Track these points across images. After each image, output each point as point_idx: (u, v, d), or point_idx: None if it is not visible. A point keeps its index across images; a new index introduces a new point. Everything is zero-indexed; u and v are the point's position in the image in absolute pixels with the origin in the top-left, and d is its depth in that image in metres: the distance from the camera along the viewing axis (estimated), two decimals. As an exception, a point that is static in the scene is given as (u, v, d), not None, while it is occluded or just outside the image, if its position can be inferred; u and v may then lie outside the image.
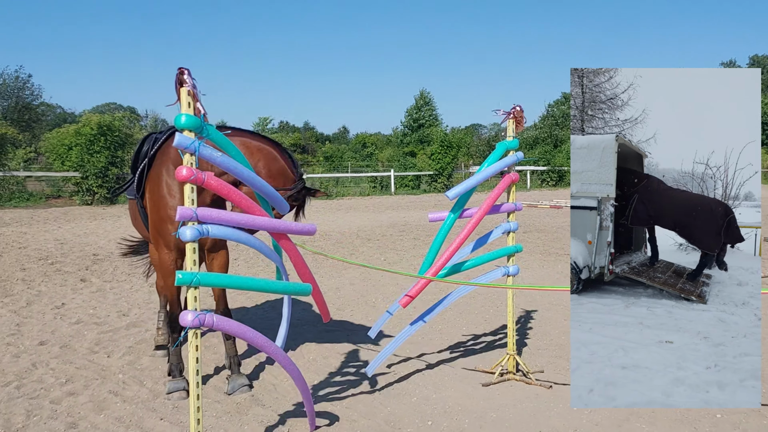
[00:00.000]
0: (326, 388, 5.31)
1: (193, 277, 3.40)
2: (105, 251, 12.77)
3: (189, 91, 3.43)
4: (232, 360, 5.29)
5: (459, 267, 5.37)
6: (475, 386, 5.30)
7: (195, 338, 3.46)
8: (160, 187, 4.88)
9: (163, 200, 4.87)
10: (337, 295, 8.88)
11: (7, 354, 6.12)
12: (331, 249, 13.13)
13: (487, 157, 5.35)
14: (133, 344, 6.52)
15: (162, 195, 4.87)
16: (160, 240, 4.96)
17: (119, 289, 9.22)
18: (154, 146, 5.15)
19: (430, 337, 6.79)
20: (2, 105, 44.10)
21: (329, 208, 24.04)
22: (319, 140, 65.41)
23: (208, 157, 3.48)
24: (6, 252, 12.53)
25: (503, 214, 5.47)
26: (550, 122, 50.04)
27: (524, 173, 41.84)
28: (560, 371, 5.66)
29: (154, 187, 4.97)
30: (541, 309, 7.98)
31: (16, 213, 20.99)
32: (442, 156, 35.79)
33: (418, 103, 51.05)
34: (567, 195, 32.82)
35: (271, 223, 3.77)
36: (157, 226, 4.95)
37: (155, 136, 5.31)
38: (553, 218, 19.90)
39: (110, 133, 24.38)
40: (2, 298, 8.52)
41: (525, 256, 12.22)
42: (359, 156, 47.50)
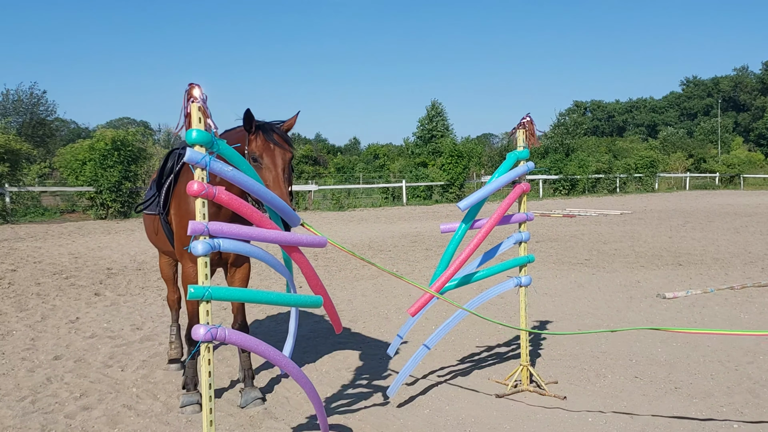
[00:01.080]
0: (339, 400, 5.30)
1: (205, 291, 3.41)
2: (119, 265, 12.85)
3: (200, 106, 3.46)
4: (246, 373, 5.30)
5: (470, 278, 5.36)
6: (488, 397, 5.27)
7: (207, 352, 3.47)
8: (188, 202, 4.89)
9: (191, 216, 4.87)
10: (350, 306, 8.88)
11: (23, 368, 6.16)
12: (343, 260, 13.14)
13: (498, 168, 5.35)
14: (147, 358, 6.54)
15: (189, 210, 4.87)
16: (186, 254, 4.97)
17: (133, 303, 9.26)
18: (178, 162, 5.16)
19: (443, 349, 6.77)
20: (17, 121, 44.62)
21: (341, 220, 24.07)
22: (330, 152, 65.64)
23: (219, 171, 3.50)
24: (21, 267, 12.63)
25: (515, 224, 5.46)
26: (562, 131, 49.91)
27: (536, 182, 41.76)
28: (574, 381, 5.63)
29: (181, 203, 4.98)
30: (556, 319, 7.94)
31: (31, 228, 21.18)
32: (453, 166, 35.79)
33: (429, 114, 51.18)
34: (580, 204, 32.72)
35: (282, 236, 3.79)
36: (184, 241, 4.94)
37: (179, 152, 5.30)
38: (566, 227, 19.82)
39: (124, 148, 24.57)
40: (17, 313, 8.58)
41: (538, 265, 12.18)
42: (371, 167, 47.61)
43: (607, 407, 5.01)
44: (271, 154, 4.33)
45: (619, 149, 53.62)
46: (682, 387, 5.43)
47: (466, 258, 5.04)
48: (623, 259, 12.83)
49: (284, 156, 4.38)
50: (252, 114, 4.36)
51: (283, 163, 4.36)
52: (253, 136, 4.40)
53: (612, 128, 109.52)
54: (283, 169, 4.34)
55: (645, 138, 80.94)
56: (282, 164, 4.34)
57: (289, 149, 4.45)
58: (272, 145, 4.36)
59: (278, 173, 4.29)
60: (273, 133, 4.43)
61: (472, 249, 5.05)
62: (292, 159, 4.53)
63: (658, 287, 9.78)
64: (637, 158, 47.66)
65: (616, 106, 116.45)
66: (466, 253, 5.04)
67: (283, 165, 4.34)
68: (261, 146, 4.35)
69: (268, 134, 4.40)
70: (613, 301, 8.88)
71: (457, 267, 5.02)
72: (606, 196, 41.64)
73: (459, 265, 5.02)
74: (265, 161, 4.32)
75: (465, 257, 5.03)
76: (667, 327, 7.05)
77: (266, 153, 4.33)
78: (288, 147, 4.45)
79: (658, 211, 26.62)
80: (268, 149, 4.34)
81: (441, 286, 5.00)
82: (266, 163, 4.30)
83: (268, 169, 4.29)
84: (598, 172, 43.54)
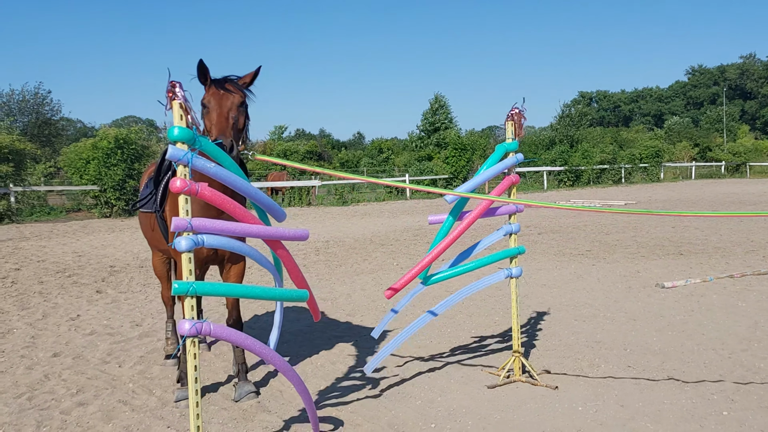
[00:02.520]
0: (332, 392, 5.35)
1: (189, 287, 3.45)
2: (122, 263, 12.93)
3: (181, 104, 3.49)
4: (240, 367, 5.35)
5: (461, 270, 5.37)
6: (480, 388, 5.30)
7: (192, 347, 3.51)
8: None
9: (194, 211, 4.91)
10: (348, 300, 8.92)
11: (21, 366, 6.23)
12: (345, 255, 13.18)
13: (486, 160, 5.37)
14: (145, 354, 6.60)
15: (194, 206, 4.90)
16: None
17: (134, 300, 9.33)
18: None
19: (438, 340, 6.81)
20: (22, 121, 44.76)
21: (344, 215, 24.11)
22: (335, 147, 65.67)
23: (201, 168, 3.53)
24: (25, 266, 12.73)
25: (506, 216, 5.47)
26: (566, 122, 49.73)
27: (541, 174, 41.66)
28: (567, 371, 5.65)
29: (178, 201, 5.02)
30: (553, 309, 7.96)
31: (36, 227, 21.31)
32: (457, 159, 35.76)
33: (433, 107, 51.10)
34: (584, 195, 32.65)
35: (264, 230, 3.82)
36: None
37: None
38: (568, 219, 19.80)
39: (127, 146, 24.66)
40: (19, 311, 8.66)
41: (538, 257, 12.19)
42: (375, 162, 47.61)
43: (598, 396, 5.03)
44: (218, 97, 4.41)
45: (624, 140, 53.37)
46: (675, 375, 5.44)
47: (447, 245, 5.06)
48: (624, 249, 12.82)
49: (231, 98, 4.44)
50: (205, 65, 4.44)
51: (230, 104, 4.42)
52: (207, 88, 4.49)
53: (618, 118, 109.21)
54: (229, 110, 4.39)
55: (651, 128, 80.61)
56: (228, 106, 4.40)
57: (237, 92, 4.50)
58: (221, 91, 4.43)
59: (221, 112, 4.35)
60: (224, 83, 4.50)
61: (455, 237, 5.08)
62: (244, 104, 4.55)
63: (658, 277, 9.78)
64: (642, 148, 47.46)
65: (621, 96, 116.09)
66: (448, 240, 5.07)
67: (229, 107, 4.41)
68: (210, 93, 4.44)
69: (218, 83, 4.48)
70: (612, 292, 8.89)
71: (438, 253, 5.04)
72: (611, 186, 41.51)
73: (440, 251, 5.04)
74: (211, 104, 4.40)
75: (447, 244, 5.06)
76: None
77: (213, 98, 4.42)
78: (236, 91, 4.50)
79: (663, 201, 26.54)
80: (216, 95, 4.42)
81: (420, 270, 5.02)
82: (212, 106, 4.39)
83: (213, 111, 4.37)
84: (603, 163, 43.38)
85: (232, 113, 4.39)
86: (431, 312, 5.32)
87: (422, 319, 5.30)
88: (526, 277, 10.09)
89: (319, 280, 10.51)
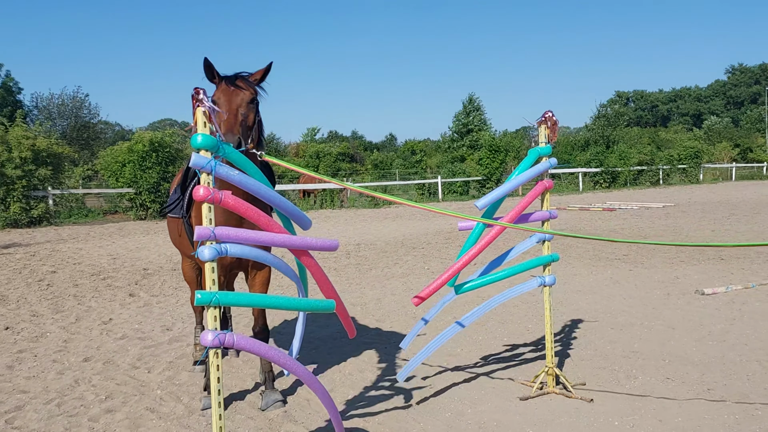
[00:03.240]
0: (360, 402, 5.25)
1: (212, 297, 3.38)
2: (155, 265, 13.03)
3: (205, 111, 3.43)
4: (267, 375, 5.28)
5: (493, 277, 5.23)
6: (512, 400, 5.15)
7: (215, 358, 3.44)
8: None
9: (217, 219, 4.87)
10: (378, 305, 8.82)
11: (52, 371, 6.26)
12: (376, 259, 13.10)
13: (519, 164, 5.22)
14: (174, 359, 6.59)
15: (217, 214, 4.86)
16: None
17: (165, 304, 9.37)
18: None
19: (469, 349, 6.67)
20: (61, 125, 45.70)
21: (376, 217, 24.04)
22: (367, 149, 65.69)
23: (225, 175, 3.47)
24: (61, 268, 12.91)
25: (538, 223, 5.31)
26: (602, 122, 48.91)
27: (576, 176, 41.09)
28: (603, 383, 5.47)
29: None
30: (588, 317, 7.76)
31: (74, 229, 21.66)
32: (491, 161, 35.45)
33: (466, 108, 50.77)
34: (621, 197, 32.09)
35: (290, 240, 3.73)
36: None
37: None
38: (605, 221, 19.45)
39: (161, 149, 24.96)
40: (53, 315, 8.75)
41: (574, 261, 11.96)
42: (408, 163, 47.48)
43: (635, 410, 4.84)
44: (227, 94, 4.36)
45: (662, 140, 52.35)
46: (716, 389, 5.22)
47: (477, 253, 4.92)
48: (663, 254, 12.49)
49: (241, 95, 4.39)
50: (210, 62, 4.40)
51: (239, 101, 4.37)
52: (217, 85, 4.46)
53: (656, 118, 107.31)
54: (238, 107, 4.34)
55: (690, 128, 79.03)
56: (237, 102, 4.35)
57: (247, 89, 4.44)
58: (231, 87, 4.38)
59: (230, 109, 4.30)
60: (235, 80, 4.46)
61: (484, 244, 4.93)
62: (254, 101, 4.49)
63: (698, 283, 9.49)
64: (681, 149, 46.49)
65: (659, 95, 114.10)
66: (478, 248, 4.92)
67: (238, 103, 4.36)
68: (220, 90, 4.40)
69: (228, 80, 4.44)
70: (649, 298, 8.64)
71: (467, 261, 4.90)
72: (649, 188, 40.73)
73: (469, 260, 4.90)
74: (220, 101, 4.34)
75: (476, 252, 4.91)
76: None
77: (223, 94, 4.37)
78: (246, 87, 4.44)
79: (702, 203, 25.92)
80: (225, 91, 4.38)
81: (449, 277, 4.87)
82: (221, 103, 4.33)
83: (222, 108, 4.31)
84: (641, 164, 42.58)
85: (242, 110, 4.35)
86: (459, 323, 5.18)
87: (452, 329, 5.17)
88: (560, 282, 9.88)
89: (349, 284, 10.44)
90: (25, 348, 7.10)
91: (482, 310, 5.15)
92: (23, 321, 8.40)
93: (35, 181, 22.97)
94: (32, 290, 10.57)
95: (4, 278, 11.80)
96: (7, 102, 53.19)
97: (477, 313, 5.16)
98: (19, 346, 7.17)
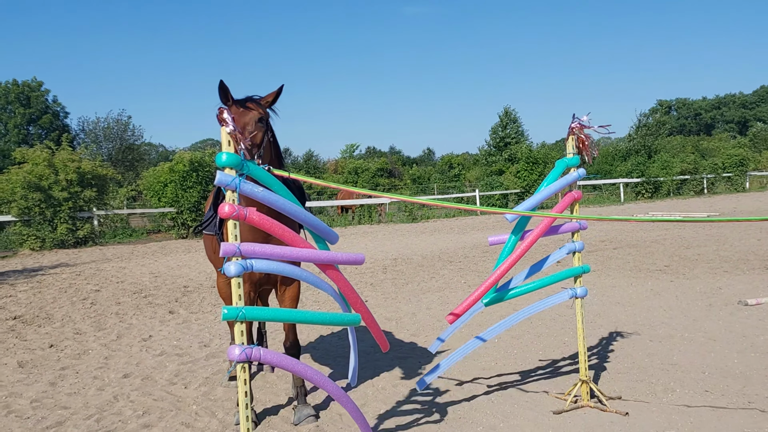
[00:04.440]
0: (392, 417, 5.24)
1: (238, 312, 3.44)
2: (195, 283, 13.25)
3: (230, 131, 3.51)
4: (299, 390, 5.32)
5: (524, 290, 5.20)
6: (545, 414, 5.09)
7: (243, 372, 3.49)
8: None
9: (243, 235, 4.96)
10: (413, 320, 8.81)
11: (93, 387, 6.41)
12: (412, 273, 13.09)
13: (547, 176, 5.19)
14: (210, 375, 6.68)
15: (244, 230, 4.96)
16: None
17: (203, 320, 9.51)
18: None
19: (504, 361, 6.61)
20: (107, 147, 46.98)
21: (414, 231, 24.03)
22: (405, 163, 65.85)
23: (249, 192, 3.54)
24: (105, 287, 13.22)
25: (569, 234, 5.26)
26: (644, 132, 48.10)
27: (617, 186, 40.48)
28: (639, 396, 5.37)
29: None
30: (626, 329, 7.62)
31: (118, 249, 22.17)
32: (528, 173, 35.18)
33: (503, 121, 50.54)
34: (664, 207, 31.47)
35: (315, 255, 3.78)
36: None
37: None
38: (646, 232, 19.09)
39: (201, 169, 25.43)
40: (96, 332, 8.96)
41: (613, 273, 11.77)
42: (446, 177, 47.43)
43: (672, 424, 4.73)
44: (237, 114, 4.47)
45: (705, 149, 51.24)
46: (757, 402, 5.07)
47: (509, 267, 4.88)
48: (706, 264, 12.21)
49: (249, 114, 4.51)
50: (226, 86, 4.51)
51: (248, 119, 4.48)
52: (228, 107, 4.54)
53: (699, 126, 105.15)
54: (245, 125, 4.45)
55: (734, 135, 77.20)
56: (245, 121, 4.47)
57: (256, 109, 4.57)
58: (241, 109, 4.51)
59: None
60: (245, 102, 4.59)
61: (516, 258, 4.89)
62: (262, 120, 4.59)
63: (741, 294, 9.24)
64: (726, 157, 45.42)
65: (702, 103, 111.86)
66: (510, 261, 4.88)
67: (246, 122, 4.47)
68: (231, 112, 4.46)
69: (240, 102, 4.58)
70: (691, 310, 8.45)
71: (500, 275, 4.87)
72: (692, 198, 39.84)
73: (502, 273, 4.86)
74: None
75: (508, 266, 4.87)
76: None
77: (234, 116, 4.45)
78: (254, 108, 4.57)
79: (748, 212, 25.26)
80: (236, 112, 4.48)
81: (483, 293, 4.85)
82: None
83: None
84: (683, 173, 41.72)
85: (249, 128, 4.44)
86: (479, 338, 5.15)
87: (471, 343, 5.13)
88: (598, 294, 9.74)
89: (385, 299, 10.45)
90: (67, 365, 7.29)
91: (510, 322, 5.11)
92: (67, 339, 8.62)
93: (81, 202, 23.60)
94: (76, 309, 10.84)
95: (51, 297, 12.14)
96: (55, 126, 54.97)
97: (503, 325, 5.13)
98: (62, 363, 7.36)
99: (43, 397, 6.16)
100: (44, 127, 56.38)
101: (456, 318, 4.90)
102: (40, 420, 5.49)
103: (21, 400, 6.06)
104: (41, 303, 11.57)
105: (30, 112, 56.08)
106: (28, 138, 54.60)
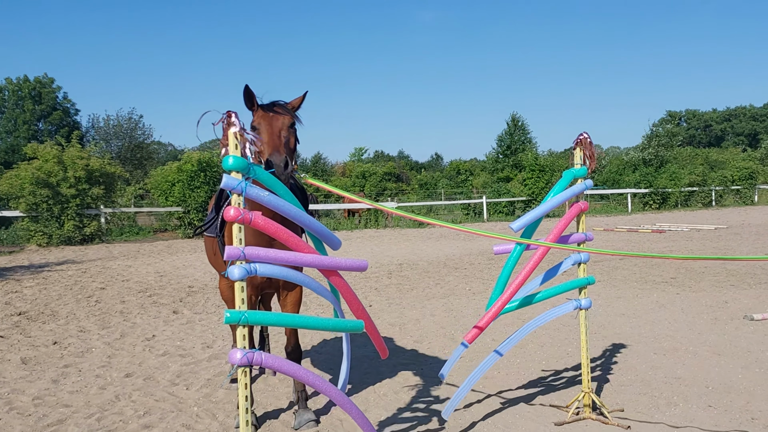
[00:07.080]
0: (393, 424, 5.23)
1: (240, 316, 3.44)
2: (200, 283, 13.27)
3: (236, 133, 3.51)
4: (300, 395, 5.32)
5: (529, 300, 5.18)
6: (547, 425, 5.06)
7: (244, 376, 3.49)
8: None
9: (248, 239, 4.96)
10: (417, 326, 8.79)
11: (95, 386, 6.41)
12: (417, 279, 13.07)
13: (554, 186, 5.17)
14: (212, 376, 6.68)
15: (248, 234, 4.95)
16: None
17: (207, 321, 9.52)
18: None
19: (507, 372, 6.59)
20: (117, 145, 47.19)
21: (420, 237, 24.02)
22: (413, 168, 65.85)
23: (255, 196, 3.54)
24: (110, 285, 13.25)
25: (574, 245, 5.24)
26: (655, 142, 47.84)
27: (625, 196, 40.37)
28: (642, 409, 5.33)
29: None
30: (630, 341, 7.58)
31: (125, 247, 22.25)
32: (535, 181, 35.10)
33: (510, 128, 50.43)
34: (671, 218, 31.36)
35: (319, 260, 3.77)
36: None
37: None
38: (654, 243, 19.02)
39: (209, 169, 25.53)
40: (99, 331, 8.98)
41: (619, 284, 11.72)
42: (453, 183, 47.37)
43: (674, 439, 4.71)
44: (268, 119, 4.47)
45: (714, 161, 50.98)
46: (760, 418, 5.04)
47: (522, 282, 4.85)
48: (713, 277, 12.14)
49: (282, 119, 4.50)
50: (251, 90, 4.51)
51: (281, 124, 4.48)
52: (254, 112, 4.58)
53: (709, 138, 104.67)
54: (280, 129, 4.45)
55: (744, 148, 76.78)
56: (279, 126, 4.46)
57: (286, 114, 4.56)
58: (270, 113, 4.50)
59: (272, 131, 4.40)
60: (273, 106, 4.58)
61: (527, 272, 4.86)
62: (293, 125, 4.60)
63: (748, 308, 9.19)
64: (735, 170, 45.22)
65: (712, 115, 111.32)
66: (522, 276, 4.86)
67: (280, 126, 4.46)
68: (259, 116, 4.52)
69: (267, 107, 4.57)
70: (696, 323, 8.40)
71: (513, 291, 4.85)
72: (700, 209, 39.69)
73: (515, 290, 4.84)
74: (261, 126, 4.44)
75: (521, 281, 4.85)
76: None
77: (264, 119, 4.48)
78: (285, 113, 4.56)
79: (757, 225, 25.13)
80: (265, 117, 4.48)
81: (497, 311, 4.84)
82: (263, 128, 4.43)
83: (264, 131, 4.40)
84: (692, 185, 41.55)
85: (284, 132, 4.44)
86: (497, 352, 5.11)
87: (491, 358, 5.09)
88: (603, 305, 9.70)
89: (389, 304, 10.44)
90: (70, 363, 7.30)
91: (519, 336, 5.09)
92: (71, 336, 8.64)
93: (88, 199, 23.71)
94: (81, 306, 10.88)
95: (56, 294, 12.18)
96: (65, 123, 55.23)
97: (514, 339, 5.10)
98: (65, 361, 7.38)
99: (45, 394, 6.17)
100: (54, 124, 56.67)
101: (479, 332, 4.86)
102: (41, 418, 5.50)
103: (23, 397, 6.07)
104: (46, 299, 11.61)
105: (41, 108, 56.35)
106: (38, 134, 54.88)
